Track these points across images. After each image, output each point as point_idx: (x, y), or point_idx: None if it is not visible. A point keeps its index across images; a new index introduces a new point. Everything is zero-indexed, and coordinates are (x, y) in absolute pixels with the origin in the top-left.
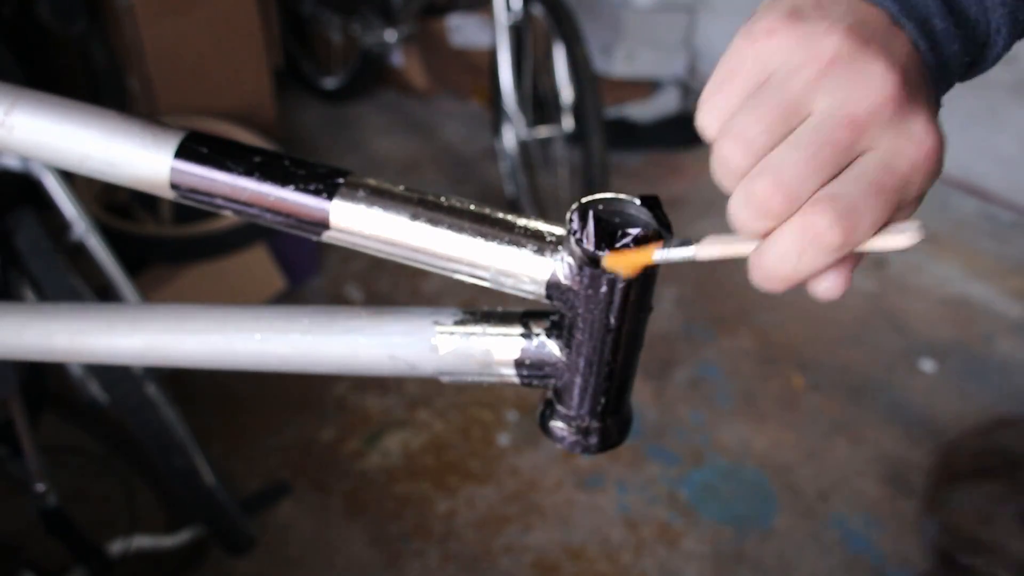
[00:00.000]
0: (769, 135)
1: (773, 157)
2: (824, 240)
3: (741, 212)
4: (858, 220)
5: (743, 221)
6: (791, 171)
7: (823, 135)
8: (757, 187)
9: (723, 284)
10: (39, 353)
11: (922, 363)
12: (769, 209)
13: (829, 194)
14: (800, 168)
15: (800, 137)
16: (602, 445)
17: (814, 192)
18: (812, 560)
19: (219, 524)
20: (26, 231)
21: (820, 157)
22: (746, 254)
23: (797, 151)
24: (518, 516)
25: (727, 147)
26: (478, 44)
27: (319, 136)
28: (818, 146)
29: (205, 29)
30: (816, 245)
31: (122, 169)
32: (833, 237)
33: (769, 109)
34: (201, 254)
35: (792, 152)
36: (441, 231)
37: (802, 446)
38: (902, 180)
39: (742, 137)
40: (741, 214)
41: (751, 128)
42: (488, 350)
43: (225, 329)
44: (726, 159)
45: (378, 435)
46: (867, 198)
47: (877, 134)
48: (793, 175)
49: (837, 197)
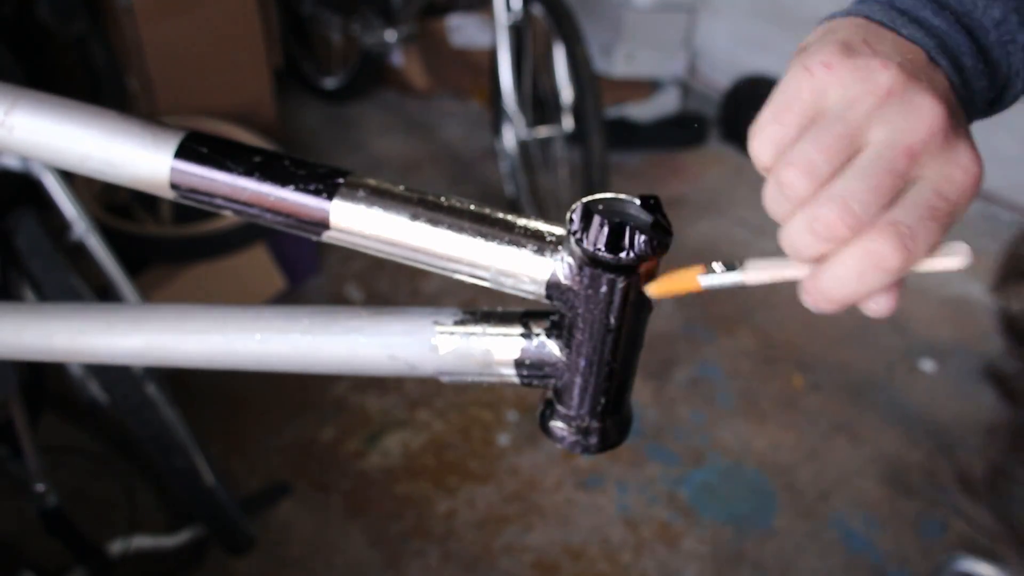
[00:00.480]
0: (831, 164)
1: (838, 185)
2: (886, 264)
3: (803, 237)
4: (916, 244)
5: (804, 246)
6: (858, 198)
7: (884, 164)
8: (823, 213)
9: None
10: (39, 353)
11: (922, 363)
12: (834, 235)
13: (890, 220)
14: (866, 196)
15: (863, 166)
16: (602, 445)
17: (875, 217)
18: (812, 560)
19: (219, 524)
20: (26, 231)
21: (883, 185)
22: (797, 278)
23: (862, 179)
24: (518, 516)
25: (790, 174)
26: (478, 44)
27: (319, 136)
28: (881, 175)
29: (205, 29)
30: (877, 268)
31: (122, 169)
32: (894, 261)
33: (831, 139)
34: (201, 254)
35: (857, 180)
36: (441, 231)
37: (802, 446)
38: (953, 204)
39: (806, 165)
40: (803, 239)
41: (815, 157)
42: (488, 350)
43: (225, 329)
44: (788, 186)
45: (378, 435)
46: (924, 222)
47: (928, 162)
48: (860, 202)
49: (898, 223)
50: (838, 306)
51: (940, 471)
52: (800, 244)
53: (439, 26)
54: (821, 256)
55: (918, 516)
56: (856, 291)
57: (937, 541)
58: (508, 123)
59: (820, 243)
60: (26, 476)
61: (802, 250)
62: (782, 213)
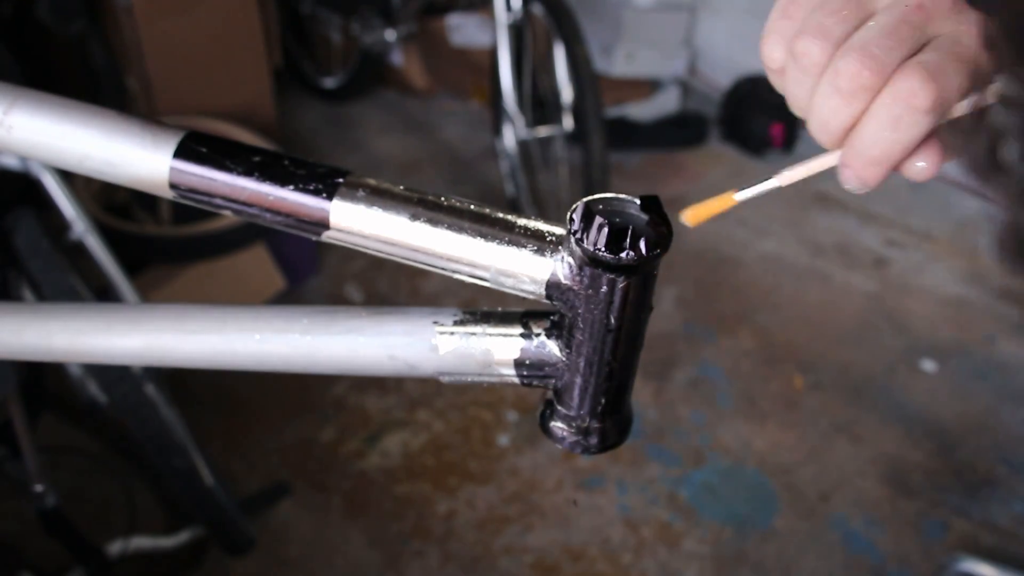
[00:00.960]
0: (843, 26)
1: (855, 37)
2: (918, 101)
3: (830, 102)
4: (945, 81)
5: (832, 113)
6: (876, 43)
7: (898, 14)
8: (845, 65)
9: (723, 284)
10: (38, 353)
11: (923, 363)
12: (860, 84)
13: (915, 60)
14: (884, 40)
15: (878, 19)
16: (602, 445)
17: (899, 64)
18: (813, 561)
19: (218, 525)
20: (25, 231)
21: (900, 32)
22: (832, 163)
23: (879, 28)
24: (518, 516)
25: (804, 42)
26: (478, 43)
27: (319, 136)
28: (896, 22)
29: (204, 28)
30: (911, 109)
31: (121, 169)
32: (926, 96)
33: (840, 3)
34: (200, 254)
35: (874, 30)
36: (441, 231)
37: (803, 446)
38: (973, 54)
39: (819, 29)
40: (830, 104)
41: (826, 20)
42: (488, 350)
43: (224, 329)
44: (804, 54)
45: (378, 435)
46: (950, 62)
47: (942, 21)
48: (880, 47)
49: (924, 61)
50: (881, 168)
51: (941, 471)
52: (828, 113)
53: (439, 25)
54: (853, 127)
55: (919, 516)
56: (894, 143)
57: (938, 542)
58: (508, 123)
59: (848, 102)
60: (25, 476)
61: (832, 120)
62: (804, 92)
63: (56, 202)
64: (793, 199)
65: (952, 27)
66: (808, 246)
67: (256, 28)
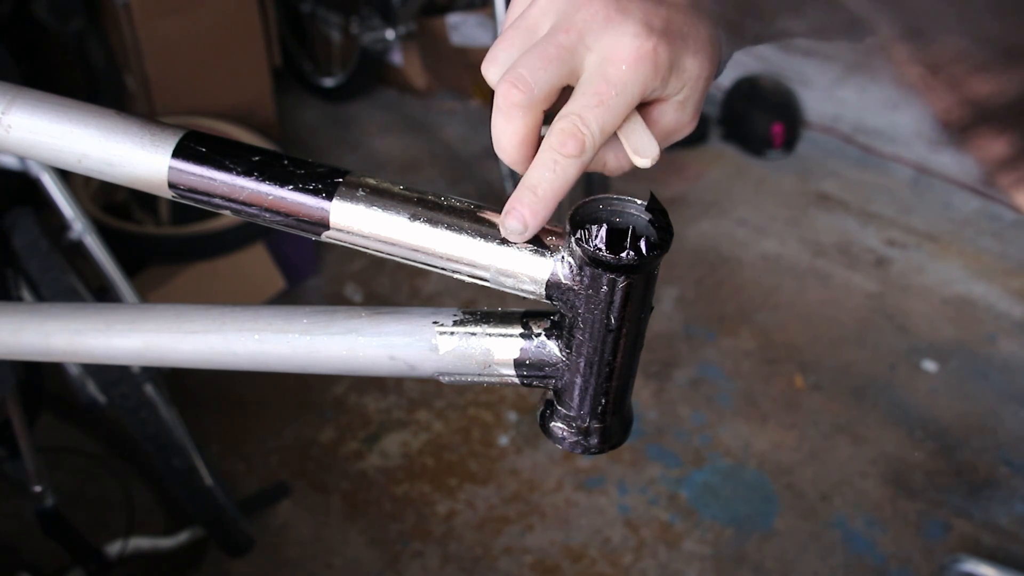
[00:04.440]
0: (510, 52)
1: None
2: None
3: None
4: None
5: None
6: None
7: (549, 38)
8: (499, 88)
9: (724, 284)
10: (36, 353)
11: (924, 363)
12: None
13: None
14: (533, 62)
15: (535, 44)
16: (602, 446)
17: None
18: (813, 561)
19: (218, 525)
20: (24, 230)
21: (548, 52)
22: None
23: (529, 52)
24: (518, 517)
25: (484, 69)
26: (478, 42)
27: (318, 135)
28: (546, 45)
29: (203, 27)
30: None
31: (120, 168)
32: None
33: (514, 33)
34: (200, 254)
35: (526, 54)
36: (441, 231)
37: (803, 447)
38: (618, 84)
39: (493, 59)
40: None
41: (499, 50)
42: (488, 350)
43: (224, 329)
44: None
45: (377, 436)
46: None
47: (595, 37)
48: (526, 67)
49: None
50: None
51: (942, 472)
52: (497, 131)
53: (439, 24)
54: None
55: (920, 517)
56: (553, 181)
57: (939, 542)
58: None
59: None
60: (24, 477)
61: (500, 137)
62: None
63: (55, 202)
64: (794, 199)
65: (607, 41)
66: (809, 246)
67: (255, 27)
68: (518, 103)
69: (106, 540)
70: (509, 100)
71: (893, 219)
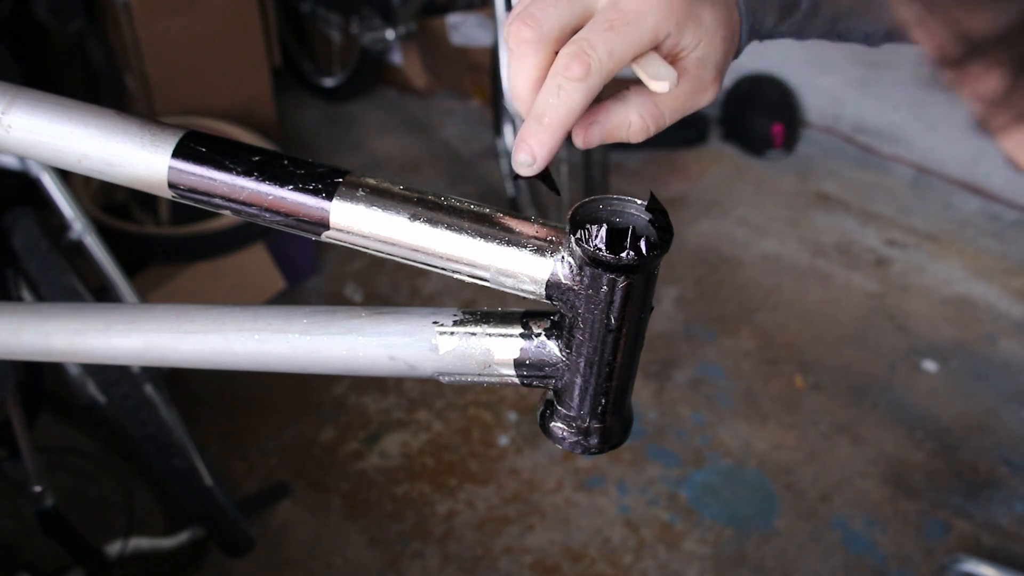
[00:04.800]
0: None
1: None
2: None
3: (510, 63)
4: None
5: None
6: (536, 6)
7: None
8: (509, 27)
9: (724, 284)
10: (36, 353)
11: (924, 363)
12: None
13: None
14: (543, 4)
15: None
16: (603, 446)
17: (562, 23)
18: (813, 561)
19: (218, 525)
20: (23, 230)
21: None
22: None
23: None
24: (518, 517)
25: (507, 26)
26: (478, 42)
27: (318, 135)
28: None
29: (203, 27)
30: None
31: (120, 168)
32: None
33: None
34: (200, 254)
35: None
36: (441, 231)
37: (803, 447)
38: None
39: (514, 13)
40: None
41: (519, 4)
42: (488, 350)
43: (223, 329)
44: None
45: (377, 436)
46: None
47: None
48: (537, 8)
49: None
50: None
51: (942, 472)
52: (511, 74)
53: (439, 24)
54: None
55: (920, 517)
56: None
57: (940, 542)
58: (509, 122)
59: (517, 59)
60: (23, 477)
61: (513, 80)
62: None
63: (55, 202)
64: (794, 199)
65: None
66: (809, 246)
67: (255, 27)
68: (528, 39)
69: (106, 540)
70: (519, 37)
71: (893, 219)
